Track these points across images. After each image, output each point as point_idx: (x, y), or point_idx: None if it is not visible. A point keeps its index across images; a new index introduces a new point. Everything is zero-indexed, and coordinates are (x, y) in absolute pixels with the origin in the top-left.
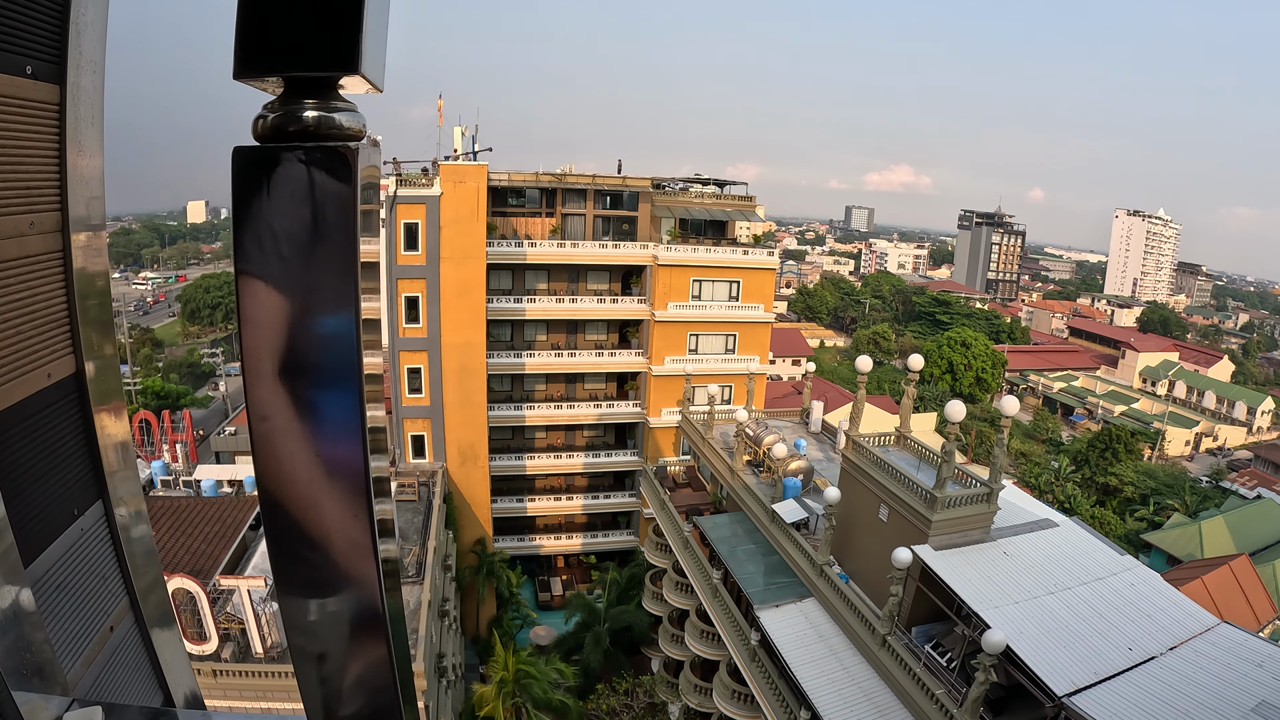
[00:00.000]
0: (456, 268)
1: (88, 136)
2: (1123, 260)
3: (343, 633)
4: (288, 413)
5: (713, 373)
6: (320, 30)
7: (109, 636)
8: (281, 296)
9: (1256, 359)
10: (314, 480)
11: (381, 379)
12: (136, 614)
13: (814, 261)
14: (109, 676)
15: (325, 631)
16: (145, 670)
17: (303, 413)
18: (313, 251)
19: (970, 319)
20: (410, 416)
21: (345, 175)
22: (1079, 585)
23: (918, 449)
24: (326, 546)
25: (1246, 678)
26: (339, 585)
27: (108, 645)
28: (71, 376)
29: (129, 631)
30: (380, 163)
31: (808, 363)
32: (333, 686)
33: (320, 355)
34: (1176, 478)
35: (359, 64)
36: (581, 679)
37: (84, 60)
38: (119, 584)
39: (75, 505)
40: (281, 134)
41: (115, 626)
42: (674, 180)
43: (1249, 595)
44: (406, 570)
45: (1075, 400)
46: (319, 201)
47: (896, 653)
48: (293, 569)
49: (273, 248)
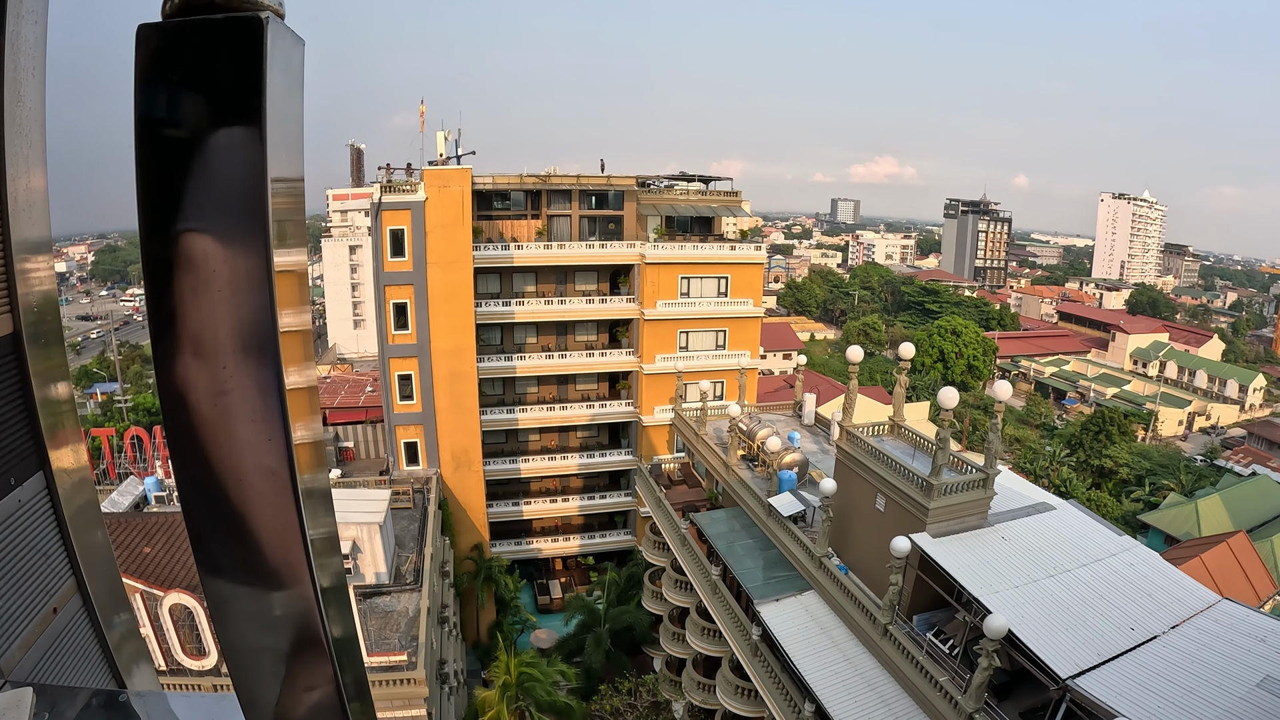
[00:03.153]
0: (444, 273)
1: (27, 88)
2: (1109, 243)
3: (278, 634)
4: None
5: (704, 369)
6: None
7: (52, 619)
8: (186, 206)
9: (1246, 337)
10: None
11: (310, 341)
12: (85, 596)
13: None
14: (52, 661)
15: (256, 631)
16: (95, 656)
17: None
18: (216, 128)
19: (960, 307)
20: (402, 423)
21: (252, 47)
22: (1078, 567)
23: (912, 437)
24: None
25: (1250, 653)
26: (263, 572)
27: (51, 628)
28: (9, 337)
29: (76, 615)
30: (301, 53)
31: (799, 356)
32: (269, 687)
33: (230, 265)
34: (1171, 458)
35: None
36: (584, 680)
37: (25, 9)
38: (63, 563)
39: (12, 475)
40: (188, 8)
41: (60, 609)
42: (659, 178)
43: (1248, 572)
44: (404, 578)
45: (1067, 384)
46: (222, 77)
47: (899, 642)
48: (215, 556)
49: (174, 135)
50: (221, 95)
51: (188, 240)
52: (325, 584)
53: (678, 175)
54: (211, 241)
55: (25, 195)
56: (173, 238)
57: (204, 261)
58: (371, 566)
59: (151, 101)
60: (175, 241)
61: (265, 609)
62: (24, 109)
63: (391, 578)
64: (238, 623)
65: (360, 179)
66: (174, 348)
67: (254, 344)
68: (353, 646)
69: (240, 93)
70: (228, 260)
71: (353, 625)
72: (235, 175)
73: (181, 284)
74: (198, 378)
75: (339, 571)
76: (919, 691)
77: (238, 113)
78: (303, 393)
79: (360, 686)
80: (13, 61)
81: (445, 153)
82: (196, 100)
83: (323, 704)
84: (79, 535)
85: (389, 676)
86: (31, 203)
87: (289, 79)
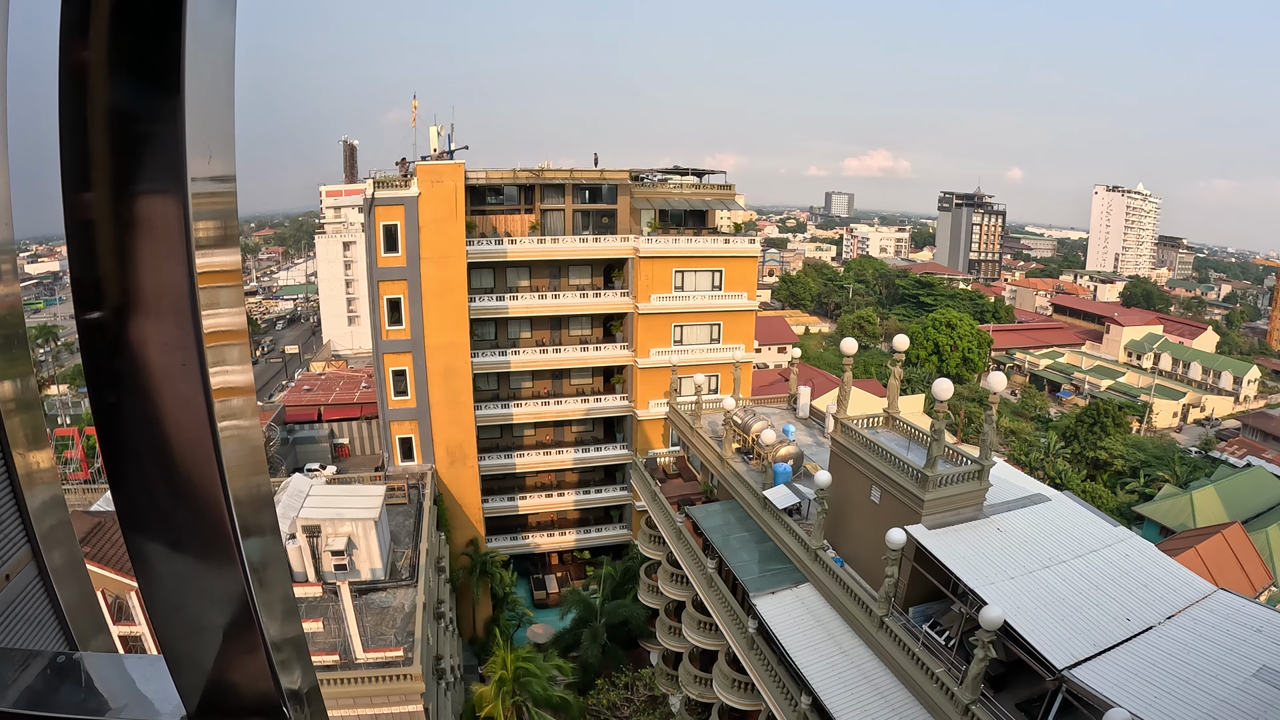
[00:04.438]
0: (437, 268)
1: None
2: (1104, 236)
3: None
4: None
5: (698, 363)
6: None
7: (4, 586)
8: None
9: (1240, 329)
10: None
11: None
12: (39, 565)
13: (796, 249)
14: (3, 631)
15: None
16: (50, 625)
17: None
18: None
19: (954, 300)
20: (397, 419)
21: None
22: (1074, 558)
23: (907, 429)
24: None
25: (1246, 643)
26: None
27: (2, 596)
28: None
29: (30, 583)
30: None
31: (793, 349)
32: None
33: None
34: (1166, 449)
35: None
36: (580, 675)
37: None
38: (16, 529)
39: None
40: None
41: (12, 576)
42: (652, 172)
43: (1243, 562)
44: (400, 574)
45: (1062, 376)
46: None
47: (894, 634)
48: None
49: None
50: (138, 18)
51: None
52: (250, 542)
53: (671, 169)
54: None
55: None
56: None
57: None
58: (367, 562)
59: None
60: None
61: (186, 569)
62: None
63: (387, 574)
64: (159, 582)
65: (354, 175)
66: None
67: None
68: (286, 606)
69: (157, 14)
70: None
71: (286, 584)
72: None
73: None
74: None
75: (268, 530)
76: (915, 683)
77: (155, 42)
78: (226, 337)
79: (297, 651)
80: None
81: (438, 148)
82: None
83: (250, 665)
84: (34, 500)
85: (385, 672)
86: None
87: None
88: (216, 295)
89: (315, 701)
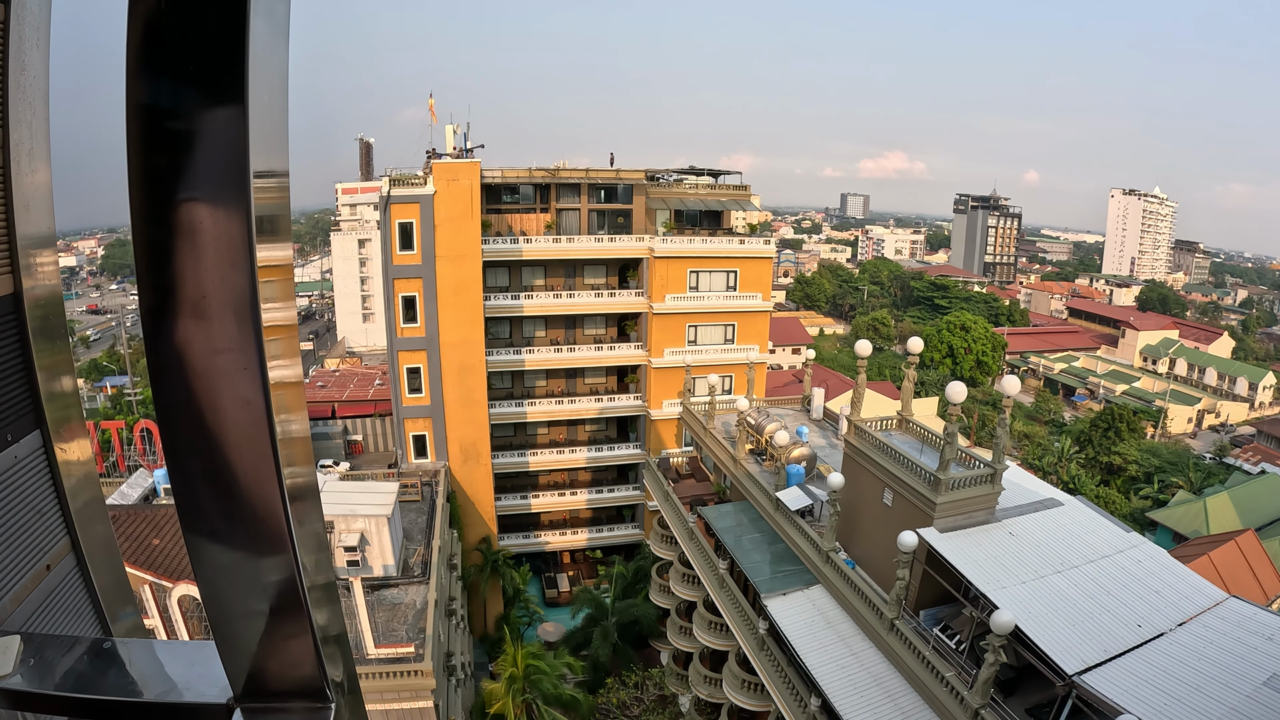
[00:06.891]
0: (453, 266)
1: (32, 57)
2: (1120, 239)
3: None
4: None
5: (712, 363)
6: None
7: (45, 575)
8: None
9: (1256, 334)
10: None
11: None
12: (79, 556)
13: (811, 250)
14: (44, 617)
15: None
16: (87, 614)
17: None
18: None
19: (969, 302)
20: (411, 416)
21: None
22: (1086, 564)
23: (920, 432)
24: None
25: (1257, 651)
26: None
27: (44, 584)
28: (9, 296)
29: (70, 573)
30: (287, 4)
31: (807, 350)
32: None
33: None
34: (1180, 455)
35: None
36: (591, 673)
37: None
38: (58, 522)
39: (9, 431)
40: None
41: (53, 566)
42: (668, 172)
43: (1256, 570)
44: (412, 570)
45: (1076, 380)
46: (205, 20)
47: (905, 636)
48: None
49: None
50: (205, 41)
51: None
52: (301, 531)
53: (687, 169)
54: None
55: (28, 158)
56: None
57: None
58: (379, 559)
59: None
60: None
61: (241, 558)
62: (28, 78)
63: (399, 570)
64: (215, 570)
65: (369, 173)
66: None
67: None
68: (330, 595)
69: (222, 39)
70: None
71: (331, 573)
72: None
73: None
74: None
75: (317, 521)
76: (925, 687)
77: (221, 61)
78: (282, 332)
79: (339, 639)
80: (17, 29)
81: (455, 146)
82: (179, 46)
83: (297, 650)
84: (74, 494)
85: (396, 668)
86: (34, 166)
87: (273, 25)
88: (274, 290)
89: (354, 689)
